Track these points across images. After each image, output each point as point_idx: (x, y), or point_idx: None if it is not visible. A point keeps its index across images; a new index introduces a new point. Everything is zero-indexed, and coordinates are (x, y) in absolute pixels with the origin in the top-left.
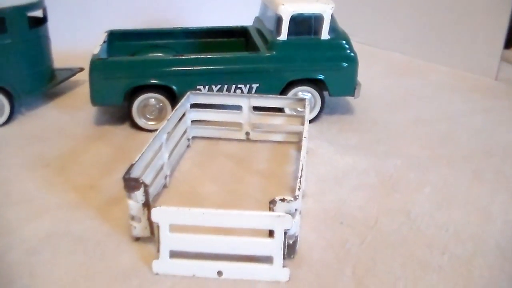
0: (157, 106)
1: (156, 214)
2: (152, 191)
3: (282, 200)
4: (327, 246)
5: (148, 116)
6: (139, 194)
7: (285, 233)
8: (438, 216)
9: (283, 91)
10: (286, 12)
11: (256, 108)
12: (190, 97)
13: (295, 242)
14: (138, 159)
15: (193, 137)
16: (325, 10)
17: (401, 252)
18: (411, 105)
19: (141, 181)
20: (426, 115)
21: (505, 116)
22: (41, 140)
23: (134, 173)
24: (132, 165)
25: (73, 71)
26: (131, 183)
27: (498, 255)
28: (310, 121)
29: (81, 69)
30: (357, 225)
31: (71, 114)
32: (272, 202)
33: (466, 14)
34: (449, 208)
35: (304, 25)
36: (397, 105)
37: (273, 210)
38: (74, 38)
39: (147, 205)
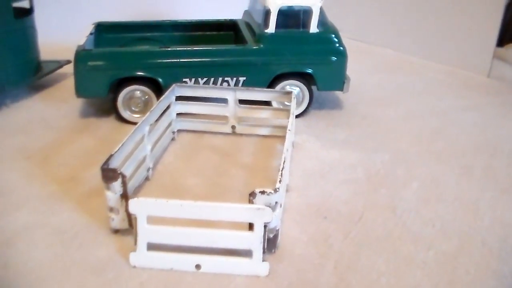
0: (143, 98)
1: (134, 205)
2: (133, 183)
3: (262, 192)
4: (310, 241)
5: (133, 108)
6: (116, 185)
7: (265, 226)
8: (424, 212)
9: (271, 85)
10: (274, 5)
11: (242, 102)
12: (175, 90)
13: (276, 236)
14: (117, 150)
15: (179, 130)
16: (314, 3)
17: (385, 248)
18: (402, 101)
19: (118, 172)
20: (417, 111)
21: (496, 113)
22: (25, 132)
23: (113, 164)
24: (111, 156)
25: (60, 63)
26: (108, 174)
27: (484, 252)
28: (298, 116)
29: (69, 61)
30: (341, 220)
31: (57, 106)
32: (252, 195)
33: (459, 11)
34: (436, 204)
35: (293, 18)
36: (387, 101)
37: (252, 203)
38: (62, 29)
39: (125, 197)
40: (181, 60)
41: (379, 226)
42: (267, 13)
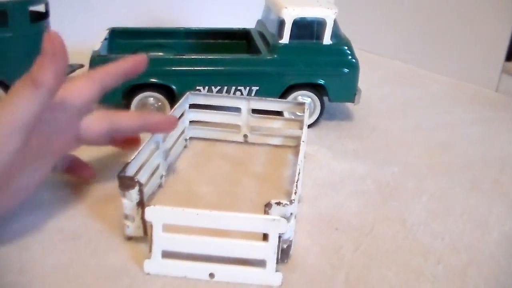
0: (156, 105)
1: (150, 213)
2: (147, 190)
3: (278, 203)
4: (321, 251)
5: None
6: (133, 193)
7: (280, 237)
8: (434, 225)
9: (283, 95)
10: (289, 16)
11: (255, 111)
12: (189, 98)
13: (289, 247)
14: (133, 158)
15: (191, 138)
16: (328, 15)
17: (395, 260)
18: (410, 113)
19: (136, 180)
20: (425, 124)
21: (504, 127)
22: None
23: (129, 172)
24: (127, 164)
25: (73, 67)
26: (125, 182)
27: (493, 266)
28: (309, 126)
29: (81, 66)
30: (352, 232)
31: None
32: (268, 206)
33: (468, 25)
34: (445, 217)
35: (307, 29)
36: (396, 113)
37: (268, 214)
38: (76, 34)
39: (141, 204)
40: (195, 68)
41: (390, 239)
42: (281, 23)
